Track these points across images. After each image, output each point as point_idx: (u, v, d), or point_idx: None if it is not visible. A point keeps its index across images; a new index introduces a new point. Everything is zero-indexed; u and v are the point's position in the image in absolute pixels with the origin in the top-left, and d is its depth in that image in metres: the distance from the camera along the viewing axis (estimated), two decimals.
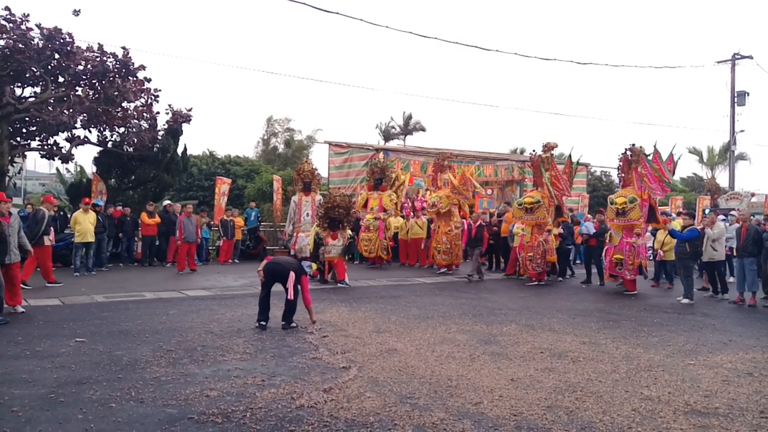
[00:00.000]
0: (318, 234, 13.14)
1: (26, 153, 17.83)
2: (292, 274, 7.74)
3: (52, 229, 11.76)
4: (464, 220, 15.66)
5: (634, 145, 12.48)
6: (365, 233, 16.35)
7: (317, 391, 5.10)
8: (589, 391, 5.31)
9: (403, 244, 17.58)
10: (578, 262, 17.68)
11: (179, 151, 19.30)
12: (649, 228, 13.32)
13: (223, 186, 19.69)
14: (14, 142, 16.18)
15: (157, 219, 16.13)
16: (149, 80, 16.82)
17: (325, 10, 15.67)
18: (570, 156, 14.83)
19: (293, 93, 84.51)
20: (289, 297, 7.73)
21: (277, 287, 7.89)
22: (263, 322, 7.80)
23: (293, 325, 7.82)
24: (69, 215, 14.66)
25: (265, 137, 41.15)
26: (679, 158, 12.84)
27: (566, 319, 8.99)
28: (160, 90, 17.18)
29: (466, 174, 16.42)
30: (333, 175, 21.00)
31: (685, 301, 11.00)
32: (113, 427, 4.22)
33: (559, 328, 8.19)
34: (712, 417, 4.72)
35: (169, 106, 18.14)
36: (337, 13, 16.50)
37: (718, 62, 28.67)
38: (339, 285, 12.28)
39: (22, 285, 10.45)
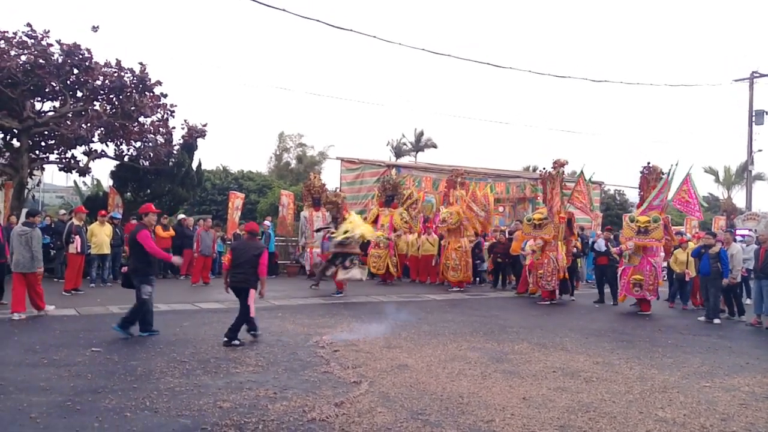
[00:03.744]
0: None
1: (45, 166, 18.12)
2: (252, 292, 7.78)
3: (77, 237, 12.04)
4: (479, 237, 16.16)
5: (649, 163, 12.47)
6: (375, 249, 16.30)
7: (329, 405, 5.11)
8: (603, 411, 5.27)
9: (414, 261, 17.55)
10: (589, 281, 17.57)
11: (194, 165, 19.53)
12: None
13: (236, 200, 19.86)
14: (33, 155, 16.46)
15: (172, 232, 16.27)
16: (165, 95, 17.05)
17: (339, 27, 16.00)
18: (582, 173, 14.77)
19: (305, 109, 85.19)
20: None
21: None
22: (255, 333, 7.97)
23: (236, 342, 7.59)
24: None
25: (278, 153, 41.47)
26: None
27: (579, 338, 8.92)
28: (176, 105, 17.39)
29: (477, 192, 16.42)
30: (345, 190, 21.02)
31: (717, 321, 11.02)
32: None
33: (571, 348, 8.14)
34: None
35: (185, 121, 18.35)
36: (351, 30, 16.77)
37: (736, 80, 28.45)
38: (335, 295, 12.91)
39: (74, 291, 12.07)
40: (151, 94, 16.64)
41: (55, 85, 15.32)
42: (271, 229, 18.62)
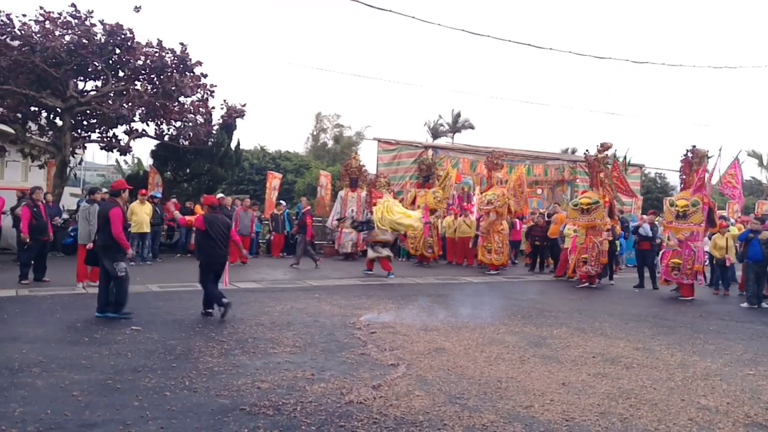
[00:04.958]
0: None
1: (86, 144, 18.55)
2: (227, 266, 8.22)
3: None
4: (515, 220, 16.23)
5: (695, 146, 12.03)
6: (411, 231, 16.40)
7: (366, 388, 5.10)
8: (644, 398, 5.15)
9: (450, 243, 17.46)
10: (629, 265, 17.18)
11: (232, 145, 19.77)
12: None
13: (274, 180, 20.01)
14: (76, 134, 16.84)
15: None
16: (205, 76, 17.23)
17: (378, 8, 15.79)
18: (625, 157, 14.35)
19: (343, 89, 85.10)
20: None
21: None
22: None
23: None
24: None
25: (315, 133, 41.66)
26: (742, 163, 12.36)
27: (619, 323, 8.74)
28: (215, 85, 17.57)
29: (522, 176, 16.35)
30: (381, 171, 21.04)
31: (765, 305, 10.87)
32: (168, 416, 4.31)
33: (611, 333, 7.98)
34: None
35: (224, 101, 18.55)
36: (390, 10, 16.52)
37: None
38: (388, 276, 13.08)
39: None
40: (192, 74, 16.82)
41: (97, 64, 15.58)
42: (290, 209, 18.75)
